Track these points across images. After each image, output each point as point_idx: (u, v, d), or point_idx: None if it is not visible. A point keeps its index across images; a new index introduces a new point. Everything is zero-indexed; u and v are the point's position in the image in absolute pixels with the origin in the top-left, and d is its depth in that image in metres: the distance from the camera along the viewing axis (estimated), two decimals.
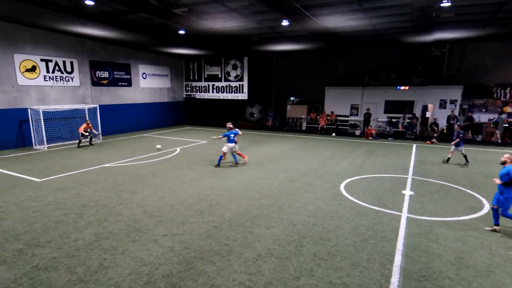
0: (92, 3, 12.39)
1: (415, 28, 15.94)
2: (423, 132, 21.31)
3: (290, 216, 7.83)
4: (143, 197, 9.17)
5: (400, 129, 21.11)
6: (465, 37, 18.10)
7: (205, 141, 19.08)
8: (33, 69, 17.01)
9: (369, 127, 20.98)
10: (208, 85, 27.47)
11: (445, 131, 20.21)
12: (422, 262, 5.78)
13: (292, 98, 26.09)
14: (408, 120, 21.22)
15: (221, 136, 12.89)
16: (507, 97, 20.39)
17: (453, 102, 20.81)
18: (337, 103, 23.83)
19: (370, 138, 20.27)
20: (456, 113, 20.42)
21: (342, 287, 5.06)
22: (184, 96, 28.89)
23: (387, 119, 21.86)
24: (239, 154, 13.10)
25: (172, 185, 10.34)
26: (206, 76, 27.50)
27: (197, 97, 28.24)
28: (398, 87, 21.99)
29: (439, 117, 20.73)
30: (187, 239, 6.60)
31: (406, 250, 6.20)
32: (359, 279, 5.26)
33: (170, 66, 26.79)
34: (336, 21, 15.06)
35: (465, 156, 13.43)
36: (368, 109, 22.20)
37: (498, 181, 6.79)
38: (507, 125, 19.20)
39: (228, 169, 12.33)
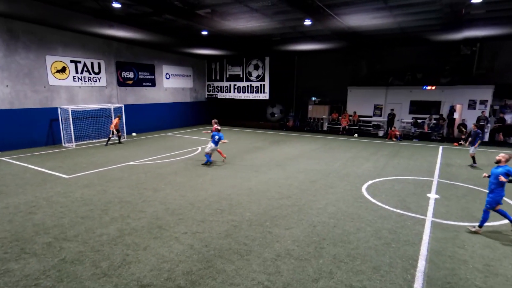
0: (119, 5, 12.78)
1: (443, 25, 15.41)
2: (449, 133, 20.55)
3: (310, 217, 7.77)
4: (165, 195, 9.36)
5: (426, 130, 20.44)
6: (497, 34, 17.30)
7: (226, 141, 19.21)
8: (63, 70, 17.73)
9: (393, 128, 20.46)
10: (230, 85, 27.67)
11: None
12: (447, 268, 5.58)
13: (313, 98, 25.86)
14: (434, 121, 20.51)
15: (210, 132, 13.61)
16: None
17: (483, 102, 19.93)
18: (359, 103, 23.39)
19: (394, 139, 19.75)
20: (487, 114, 19.54)
21: None
22: (206, 96, 29.25)
23: (412, 120, 21.22)
24: (219, 152, 13.39)
25: (193, 183, 10.49)
26: (228, 76, 27.72)
27: (218, 97, 28.52)
28: (424, 87, 21.31)
29: (468, 118, 19.91)
30: (206, 237, 6.68)
31: (430, 255, 6.01)
32: (380, 283, 5.15)
33: (192, 67, 27.20)
34: (360, 19, 14.80)
35: (473, 157, 12.96)
36: (392, 110, 21.65)
37: (503, 178, 6.51)
38: None
39: (249, 169, 12.38)
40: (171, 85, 25.33)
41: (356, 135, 21.70)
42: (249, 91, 26.73)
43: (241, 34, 18.43)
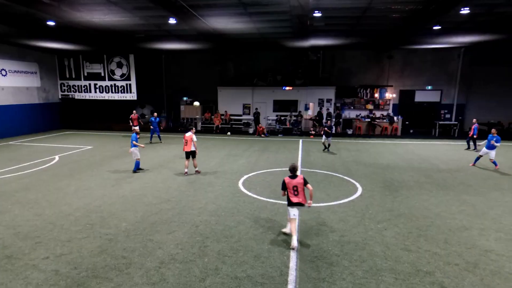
0: None
1: (294, 34, 17.57)
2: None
3: (192, 217, 7.72)
4: (12, 216, 7.71)
5: (288, 126, 23.01)
6: (334, 44, 20.78)
7: (90, 147, 17.14)
8: None
9: (260, 125, 22.22)
10: (90, 84, 24.70)
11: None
12: (314, 244, 6.44)
13: (185, 98, 25.66)
14: (294, 118, 23.27)
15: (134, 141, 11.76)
16: (368, 96, 24.38)
17: (328, 101, 23.77)
18: (230, 102, 24.49)
19: (262, 135, 21.50)
20: (331, 110, 23.39)
21: (247, 280, 5.24)
22: (60, 97, 25.30)
23: (276, 117, 23.55)
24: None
25: (52, 198, 8.97)
26: (86, 74, 24.65)
27: (76, 97, 25.08)
28: (284, 88, 23.93)
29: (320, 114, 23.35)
30: (75, 258, 5.84)
31: (300, 235, 6.81)
32: (261, 269, 5.55)
33: (39, 62, 23.04)
34: (223, 23, 15.44)
35: (328, 145, 16.26)
36: (256, 109, 23.50)
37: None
38: (369, 119, 22.97)
39: (120, 175, 11.37)
40: (10, 83, 20.86)
41: (229, 133, 22.67)
42: (113, 90, 24.46)
43: (99, 28, 16.68)
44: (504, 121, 23.20)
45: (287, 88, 23.91)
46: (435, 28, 15.35)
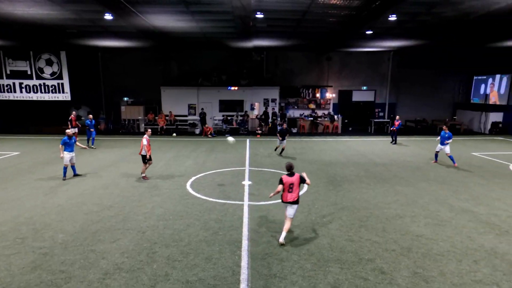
0: None
1: (238, 34, 17.64)
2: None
3: (138, 223, 7.37)
4: None
5: (235, 126, 23.07)
6: (277, 45, 21.36)
7: (16, 153, 15.46)
8: None
9: (206, 126, 21.97)
10: (14, 83, 22.29)
11: (270, 125, 23.39)
12: (264, 242, 6.55)
13: (126, 99, 24.39)
14: (240, 118, 23.40)
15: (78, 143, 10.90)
16: (310, 96, 25.46)
17: (273, 100, 24.33)
18: (174, 103, 23.83)
19: (209, 136, 21.28)
20: (277, 110, 23.98)
21: (199, 283, 5.16)
22: None
23: (222, 117, 23.47)
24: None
25: None
26: (8, 72, 22.19)
27: None
28: (229, 88, 23.96)
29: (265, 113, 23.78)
30: (4, 277, 5.24)
31: (251, 234, 6.89)
32: (213, 271, 5.50)
33: None
34: (164, 20, 14.93)
35: (282, 150, 15.34)
36: (202, 109, 23.21)
37: None
38: (311, 118, 23.99)
39: (54, 183, 10.44)
40: None
41: (174, 134, 21.91)
42: (43, 90, 22.37)
43: (23, 22, 15.08)
44: (428, 119, 25.83)
45: (233, 88, 23.98)
46: (367, 32, 16.51)
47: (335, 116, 24.15)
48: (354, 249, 6.23)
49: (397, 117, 19.09)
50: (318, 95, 25.41)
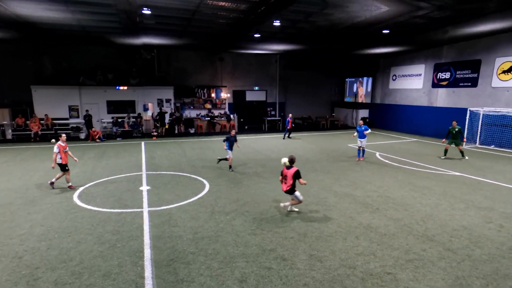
0: None
1: (123, 29, 16.43)
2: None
3: (12, 248, 6.20)
4: None
5: (127, 129, 21.45)
6: (167, 44, 20.69)
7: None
8: None
9: (93, 129, 19.87)
10: None
11: (167, 126, 22.56)
12: (168, 248, 6.30)
13: None
14: (133, 119, 21.88)
15: None
16: (206, 96, 25.52)
17: (168, 101, 23.53)
18: (51, 104, 20.79)
19: (98, 140, 19.27)
20: (173, 110, 23.27)
21: None
22: None
23: (112, 120, 21.53)
24: None
25: None
26: None
27: None
28: (117, 87, 22.16)
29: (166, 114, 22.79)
30: None
31: (153, 242, 6.53)
32: (114, 287, 5.03)
33: None
34: (30, 8, 12.81)
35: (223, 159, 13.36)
36: (87, 111, 20.92)
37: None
38: (208, 118, 24.09)
39: None
40: None
41: (53, 140, 19.13)
42: None
43: None
44: (313, 116, 28.83)
45: (122, 87, 22.27)
46: (256, 35, 17.45)
47: (231, 116, 24.80)
48: (257, 242, 6.53)
49: (290, 115, 21.11)
50: (213, 95, 25.67)
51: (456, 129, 13.97)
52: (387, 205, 8.67)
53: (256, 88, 27.37)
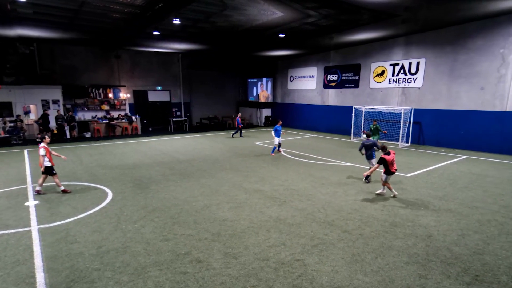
0: None
1: None
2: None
3: None
4: None
5: (3, 135, 18.10)
6: (50, 37, 18.20)
7: None
8: None
9: None
10: None
11: (55, 131, 19.87)
12: (67, 268, 5.60)
13: None
14: (11, 124, 18.60)
15: None
16: (102, 96, 23.33)
17: (55, 102, 20.74)
18: None
19: None
20: (62, 112, 20.58)
21: None
22: None
23: None
24: None
25: None
26: None
27: None
28: None
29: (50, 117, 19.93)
30: None
31: (47, 263, 5.72)
32: None
33: None
34: None
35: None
36: None
37: None
38: (106, 120, 22.09)
39: None
40: None
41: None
42: None
43: None
44: (219, 115, 29.08)
45: None
46: (155, 33, 16.67)
47: (133, 117, 23.24)
48: (170, 248, 6.30)
49: (239, 114, 23.18)
50: (110, 95, 23.62)
51: (374, 127, 16.11)
52: (292, 197, 9.34)
53: (159, 88, 26.23)
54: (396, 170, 9.21)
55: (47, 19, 14.18)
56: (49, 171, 9.46)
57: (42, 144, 9.38)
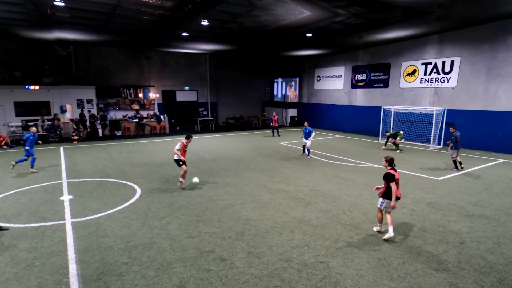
0: None
1: (32, 22, 14.66)
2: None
3: None
4: None
5: (42, 133, 19.17)
6: (85, 39, 19.00)
7: None
8: None
9: None
10: None
11: (89, 129, 20.78)
12: (97, 260, 5.84)
13: None
14: (48, 122, 19.67)
15: None
16: (133, 96, 24.14)
17: (89, 101, 21.68)
18: None
19: (5, 147, 16.88)
20: (95, 112, 21.50)
21: None
22: None
23: (21, 123, 19.06)
24: None
25: None
26: None
27: None
28: (27, 87, 19.72)
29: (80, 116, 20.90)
30: None
31: (79, 256, 5.99)
32: None
33: None
34: None
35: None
36: None
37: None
38: (134, 120, 22.81)
39: None
40: None
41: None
42: None
43: None
44: (245, 115, 29.25)
45: (32, 87, 19.86)
46: (184, 34, 17.03)
47: (162, 116, 23.88)
48: (195, 245, 6.41)
49: (274, 113, 22.65)
50: (141, 95, 24.40)
51: (399, 132, 16.34)
52: (317, 198, 9.22)
53: (187, 88, 26.77)
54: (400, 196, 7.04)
55: (83, 22, 14.86)
56: (177, 163, 10.25)
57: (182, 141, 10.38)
